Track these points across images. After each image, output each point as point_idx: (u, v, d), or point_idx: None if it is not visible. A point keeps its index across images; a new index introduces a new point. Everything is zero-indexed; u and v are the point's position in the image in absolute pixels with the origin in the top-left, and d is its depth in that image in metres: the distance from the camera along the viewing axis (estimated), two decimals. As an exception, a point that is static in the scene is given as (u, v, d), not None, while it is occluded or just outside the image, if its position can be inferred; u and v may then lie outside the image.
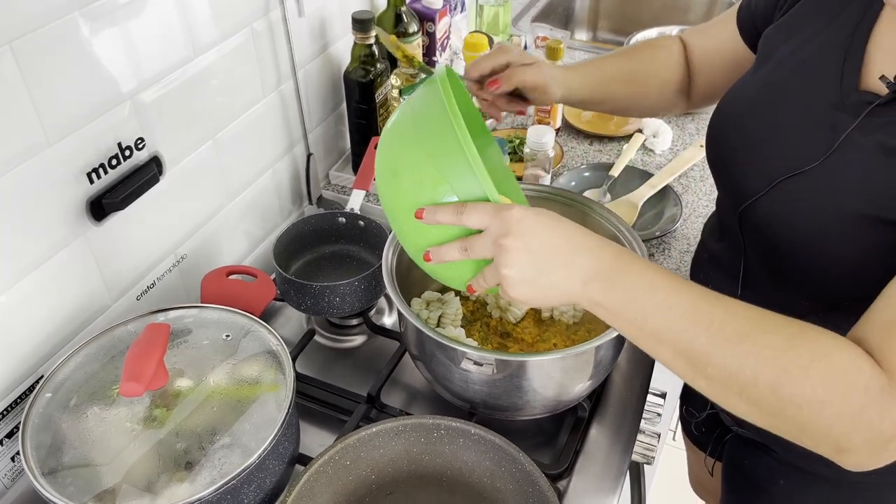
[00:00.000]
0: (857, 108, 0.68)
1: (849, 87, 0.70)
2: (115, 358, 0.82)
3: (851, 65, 0.70)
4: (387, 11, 1.34)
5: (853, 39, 0.71)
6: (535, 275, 0.63)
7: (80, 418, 0.77)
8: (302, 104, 1.19)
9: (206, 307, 0.89)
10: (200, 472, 0.73)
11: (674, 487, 1.60)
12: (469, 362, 0.80)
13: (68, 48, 0.77)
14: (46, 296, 0.84)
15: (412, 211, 0.68)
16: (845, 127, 0.69)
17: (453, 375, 0.85)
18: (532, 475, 0.77)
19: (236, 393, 0.80)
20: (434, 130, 0.67)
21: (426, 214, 0.67)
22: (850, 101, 0.69)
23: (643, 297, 0.62)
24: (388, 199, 0.71)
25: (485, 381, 0.83)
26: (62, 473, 0.72)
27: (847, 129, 0.68)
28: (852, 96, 0.69)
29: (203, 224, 1.06)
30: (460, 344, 0.80)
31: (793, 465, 0.89)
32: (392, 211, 0.72)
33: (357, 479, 0.81)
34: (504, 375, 0.81)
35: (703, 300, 0.61)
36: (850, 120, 0.69)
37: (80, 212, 0.84)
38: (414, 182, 0.68)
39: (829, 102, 0.71)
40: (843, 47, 0.72)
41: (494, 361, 0.80)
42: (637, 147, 1.44)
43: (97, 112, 0.83)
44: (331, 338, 1.08)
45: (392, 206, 0.71)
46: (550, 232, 0.63)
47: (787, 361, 0.57)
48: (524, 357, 0.81)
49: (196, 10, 0.92)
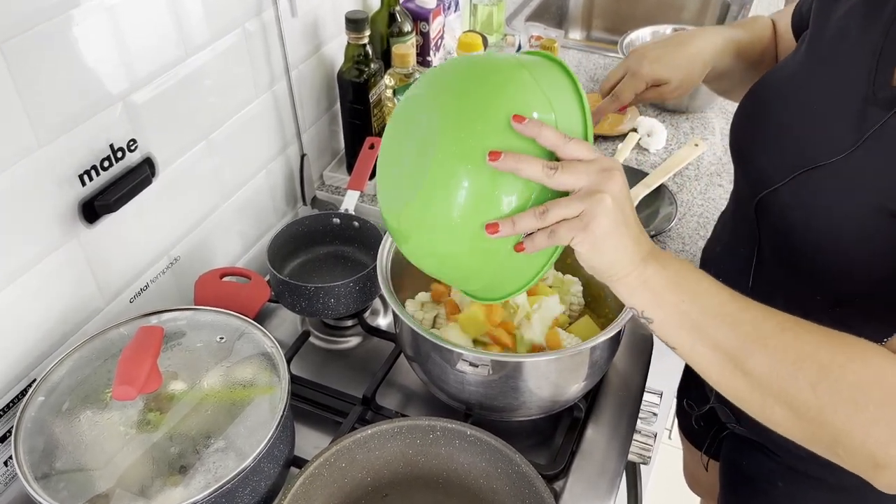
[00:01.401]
0: (889, 103, 0.67)
1: (882, 82, 0.68)
2: (108, 361, 0.82)
3: (886, 60, 0.69)
4: (380, 11, 1.33)
5: (888, 35, 0.70)
6: (615, 232, 0.61)
7: (73, 422, 0.76)
8: (295, 104, 1.19)
9: (200, 309, 0.88)
10: (195, 476, 0.72)
11: (670, 486, 1.60)
12: (465, 363, 0.80)
13: (59, 49, 0.76)
14: (38, 299, 0.83)
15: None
16: (875, 121, 0.67)
17: (449, 377, 0.84)
18: (528, 476, 0.77)
19: (230, 396, 0.79)
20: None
21: (527, 129, 0.60)
22: (882, 96, 0.68)
23: (693, 281, 0.62)
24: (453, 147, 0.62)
25: (480, 382, 0.82)
26: (55, 478, 0.72)
27: (876, 123, 0.67)
28: (885, 91, 0.68)
29: (196, 226, 1.05)
30: (456, 346, 0.80)
31: (792, 467, 0.89)
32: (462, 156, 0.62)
33: (353, 482, 0.81)
34: (500, 376, 0.81)
35: (743, 298, 0.62)
36: (880, 114, 0.67)
37: (72, 214, 0.84)
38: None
39: (861, 95, 0.69)
40: (877, 42, 0.70)
41: (490, 362, 0.79)
42: (632, 146, 1.44)
43: (88, 113, 0.82)
44: (326, 339, 1.08)
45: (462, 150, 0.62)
46: (630, 202, 0.63)
47: (826, 357, 0.57)
48: (520, 358, 0.80)
49: (188, 11, 0.92)
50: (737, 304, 0.61)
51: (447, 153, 0.62)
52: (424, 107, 0.66)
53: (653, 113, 1.57)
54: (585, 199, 0.60)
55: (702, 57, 0.94)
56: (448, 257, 0.67)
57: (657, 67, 0.94)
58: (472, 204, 0.62)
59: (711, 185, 1.37)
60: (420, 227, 0.66)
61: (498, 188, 0.61)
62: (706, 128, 1.54)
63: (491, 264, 0.66)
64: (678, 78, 0.94)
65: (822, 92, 0.74)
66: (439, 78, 0.68)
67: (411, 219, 0.66)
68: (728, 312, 0.61)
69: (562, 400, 0.88)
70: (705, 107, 1.58)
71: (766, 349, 0.59)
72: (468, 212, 0.62)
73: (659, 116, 1.55)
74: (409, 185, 0.65)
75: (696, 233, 1.26)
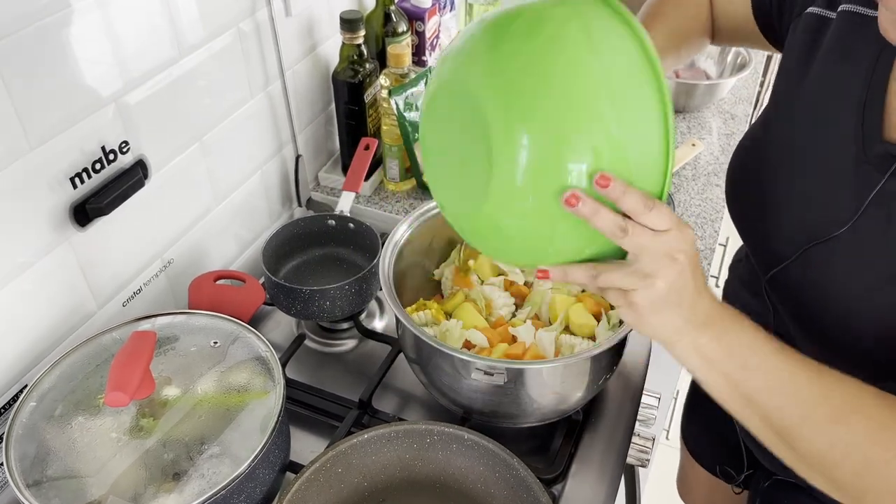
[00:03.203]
0: (883, 161, 0.64)
1: (871, 136, 0.65)
2: (101, 366, 0.81)
3: (872, 115, 0.65)
4: (375, 11, 1.32)
5: (870, 88, 0.66)
6: (662, 312, 0.59)
7: (65, 428, 0.75)
8: (290, 105, 1.18)
9: (194, 313, 0.87)
10: (189, 483, 0.71)
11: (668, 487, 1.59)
12: (479, 373, 0.79)
13: (50, 50, 0.75)
14: (30, 303, 0.82)
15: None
16: (872, 185, 0.64)
17: (453, 381, 0.83)
18: (526, 480, 0.76)
19: (225, 401, 0.78)
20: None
21: (612, 192, 0.56)
22: (875, 154, 0.64)
23: (749, 352, 0.60)
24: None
25: (489, 388, 0.81)
26: (47, 485, 0.71)
27: (873, 187, 0.64)
28: (876, 147, 0.64)
29: (190, 228, 1.04)
30: (468, 354, 0.79)
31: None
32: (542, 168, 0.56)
33: (349, 487, 0.80)
34: (514, 384, 0.80)
35: (804, 372, 0.59)
36: (877, 176, 0.64)
37: (63, 217, 0.83)
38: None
39: (852, 155, 0.66)
40: (859, 97, 0.66)
41: (506, 371, 0.78)
42: (628, 146, 1.43)
43: (80, 115, 0.81)
44: (321, 342, 1.07)
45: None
46: (697, 266, 0.60)
47: (873, 453, 0.56)
48: (536, 365, 0.79)
49: (181, 11, 0.91)
50: (793, 383, 0.59)
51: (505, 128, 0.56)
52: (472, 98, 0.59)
53: (649, 113, 1.56)
54: (638, 279, 0.58)
55: None
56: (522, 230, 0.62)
57: None
58: (540, 171, 0.56)
59: (709, 185, 1.37)
60: (502, 212, 0.61)
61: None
62: (703, 127, 1.53)
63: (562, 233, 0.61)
64: None
65: (812, 156, 0.70)
66: (474, 58, 0.59)
67: (495, 204, 0.60)
68: (782, 391, 0.59)
69: (562, 408, 0.87)
70: (702, 106, 1.57)
71: (812, 437, 0.58)
72: (538, 181, 0.57)
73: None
74: (478, 178, 0.60)
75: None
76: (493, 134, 0.57)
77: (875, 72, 0.66)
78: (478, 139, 0.58)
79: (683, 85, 1.51)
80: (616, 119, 0.55)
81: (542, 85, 0.56)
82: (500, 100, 0.57)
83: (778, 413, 0.59)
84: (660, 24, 0.89)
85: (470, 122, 0.59)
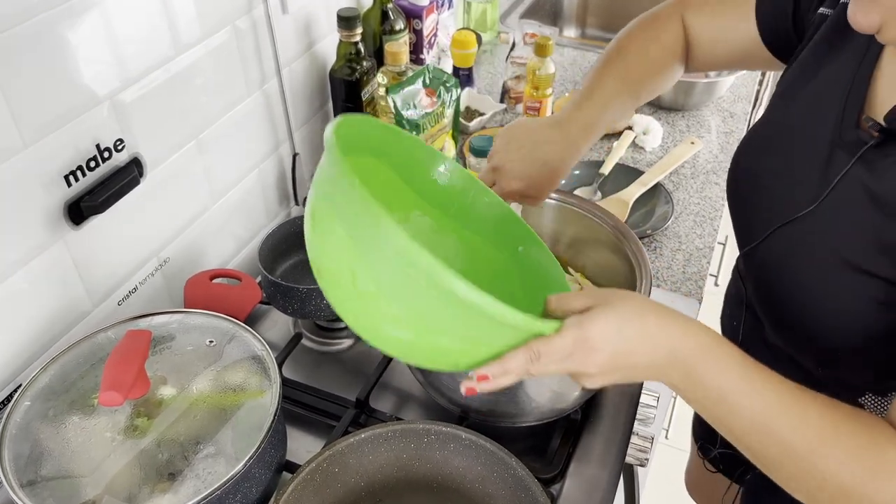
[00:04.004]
0: (854, 147, 0.64)
1: (849, 122, 0.66)
2: (96, 366, 0.80)
3: (854, 100, 0.66)
4: (373, 9, 1.32)
5: (856, 75, 0.67)
6: (619, 363, 0.60)
7: (59, 428, 0.74)
8: (287, 103, 1.17)
9: (190, 312, 0.87)
10: (184, 483, 0.71)
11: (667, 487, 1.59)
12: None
13: (45, 47, 0.75)
14: (24, 302, 0.82)
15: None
16: (839, 169, 0.65)
17: (450, 380, 0.83)
18: (524, 480, 0.75)
19: (220, 400, 0.78)
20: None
21: (493, 371, 0.59)
22: (848, 139, 0.65)
23: (721, 391, 0.59)
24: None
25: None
26: (41, 485, 0.70)
27: (840, 171, 0.65)
28: (850, 133, 0.65)
29: (186, 226, 1.04)
30: None
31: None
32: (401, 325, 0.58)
33: (346, 487, 0.80)
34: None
35: (777, 405, 0.58)
36: (846, 159, 0.65)
37: (57, 215, 0.82)
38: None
39: (828, 138, 0.67)
40: (846, 82, 0.67)
41: None
42: (627, 144, 1.43)
43: (75, 113, 0.80)
44: (318, 341, 1.06)
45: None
46: (628, 340, 0.59)
47: (848, 482, 0.56)
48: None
49: (177, 8, 0.90)
50: (769, 420, 0.58)
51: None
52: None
53: (648, 111, 1.56)
54: (572, 368, 0.60)
55: (561, 171, 0.86)
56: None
57: (513, 181, 0.86)
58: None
59: (708, 183, 1.36)
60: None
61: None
62: (702, 125, 1.53)
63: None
64: (536, 188, 0.87)
65: (794, 137, 0.72)
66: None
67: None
68: (759, 429, 0.58)
69: (560, 407, 0.87)
70: (701, 104, 1.57)
71: (792, 466, 0.58)
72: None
73: (655, 114, 1.54)
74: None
75: (692, 231, 1.25)
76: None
77: (863, 61, 0.67)
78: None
79: (682, 83, 1.50)
80: (432, 337, 0.57)
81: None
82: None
83: (757, 445, 0.59)
84: (615, 70, 0.88)
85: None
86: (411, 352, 0.61)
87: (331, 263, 0.59)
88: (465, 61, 1.52)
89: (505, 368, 0.59)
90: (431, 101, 1.19)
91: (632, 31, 0.91)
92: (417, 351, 0.61)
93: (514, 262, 0.80)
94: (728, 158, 1.42)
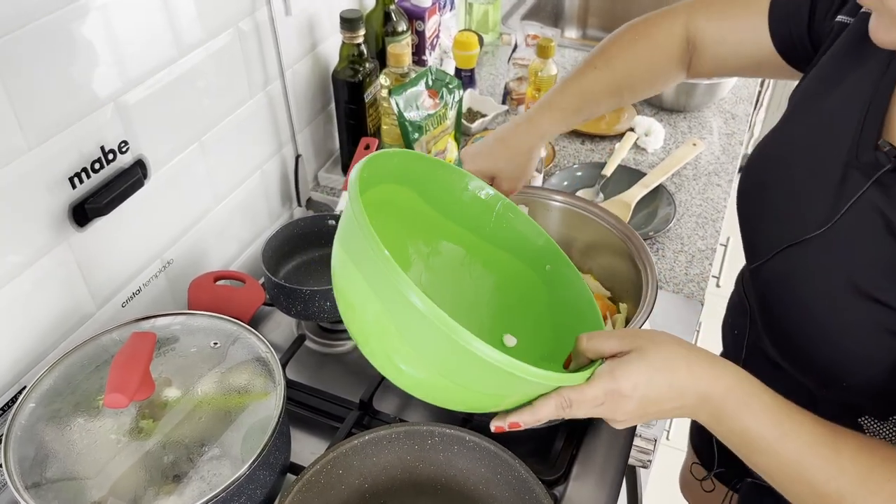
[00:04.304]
0: (871, 168, 0.62)
1: (866, 141, 0.63)
2: (101, 367, 0.80)
3: (872, 120, 0.63)
4: (375, 10, 1.32)
5: (876, 94, 0.64)
6: (649, 410, 0.61)
7: (64, 430, 0.74)
8: (290, 105, 1.17)
9: (194, 314, 0.87)
10: (189, 485, 0.71)
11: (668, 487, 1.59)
12: None
13: (49, 49, 0.75)
14: (29, 304, 0.82)
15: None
16: (855, 190, 0.63)
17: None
18: (528, 482, 0.75)
19: (225, 402, 0.78)
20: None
21: (525, 420, 0.62)
22: (865, 160, 0.63)
23: (751, 436, 0.59)
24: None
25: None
26: (46, 487, 0.70)
27: (855, 193, 0.63)
28: (867, 154, 0.63)
29: (190, 228, 1.04)
30: None
31: None
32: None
33: (350, 489, 0.80)
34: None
35: (809, 452, 0.58)
36: (861, 183, 0.62)
37: (62, 217, 0.82)
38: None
39: (843, 158, 0.64)
40: (865, 99, 0.64)
41: None
42: (629, 146, 1.43)
43: (79, 115, 0.80)
44: (322, 343, 1.06)
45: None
46: (658, 389, 0.60)
47: None
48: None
49: (181, 10, 0.90)
50: (800, 469, 0.58)
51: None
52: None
53: (650, 112, 1.56)
54: (603, 414, 0.62)
55: (523, 150, 0.88)
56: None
57: (481, 162, 0.89)
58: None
59: (710, 184, 1.36)
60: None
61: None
62: (704, 127, 1.53)
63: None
64: (509, 171, 0.89)
65: (812, 156, 0.69)
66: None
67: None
68: (789, 476, 0.59)
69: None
70: (703, 106, 1.57)
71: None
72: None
73: (656, 116, 1.54)
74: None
75: (694, 233, 1.26)
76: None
77: (883, 78, 0.64)
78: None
79: (684, 84, 1.51)
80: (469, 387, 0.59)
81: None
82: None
83: (787, 485, 0.60)
84: (597, 73, 0.89)
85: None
86: (435, 397, 0.63)
87: (355, 301, 0.62)
88: (467, 63, 1.53)
89: (536, 417, 0.61)
90: (434, 102, 1.20)
91: (623, 29, 0.91)
92: (443, 397, 0.63)
93: (541, 280, 0.81)
94: (730, 160, 1.42)
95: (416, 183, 0.76)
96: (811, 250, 0.67)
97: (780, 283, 0.71)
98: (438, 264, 0.82)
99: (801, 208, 0.69)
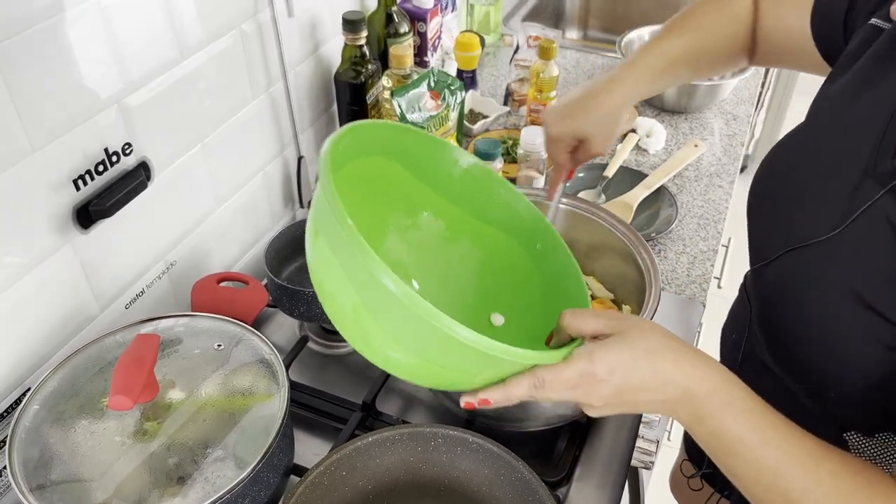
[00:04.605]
0: (886, 178, 0.61)
1: (886, 150, 0.62)
2: (104, 369, 0.80)
3: (894, 129, 0.62)
4: (377, 12, 1.32)
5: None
6: (626, 399, 0.59)
7: (68, 432, 0.75)
8: (292, 106, 1.17)
9: (197, 316, 0.87)
10: (193, 487, 0.71)
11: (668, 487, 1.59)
12: None
13: (52, 52, 0.75)
14: (32, 305, 0.82)
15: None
16: (867, 198, 0.62)
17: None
18: (531, 483, 0.76)
19: (229, 404, 0.78)
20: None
21: (495, 397, 0.60)
22: (882, 170, 0.61)
23: (731, 440, 0.58)
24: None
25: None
26: (50, 489, 0.70)
27: (868, 200, 0.62)
28: (885, 164, 0.61)
29: (192, 230, 1.04)
30: None
31: None
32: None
33: (353, 490, 0.80)
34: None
35: (788, 464, 0.56)
36: (875, 189, 0.61)
37: (66, 219, 0.82)
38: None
39: (860, 169, 0.63)
40: (890, 108, 0.63)
41: None
42: (631, 147, 1.43)
43: (83, 117, 0.81)
44: (324, 344, 1.06)
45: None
46: (638, 376, 0.58)
47: None
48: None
49: (183, 12, 0.91)
50: (779, 478, 0.56)
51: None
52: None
53: (652, 113, 1.56)
54: (577, 397, 0.60)
55: (612, 110, 0.86)
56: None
57: (570, 123, 0.86)
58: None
59: (711, 185, 1.36)
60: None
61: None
62: (705, 128, 1.53)
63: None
64: (599, 132, 0.87)
65: (825, 159, 0.68)
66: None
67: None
68: (766, 484, 0.57)
69: (569, 414, 0.87)
70: (704, 107, 1.57)
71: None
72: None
73: (658, 117, 1.55)
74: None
75: (696, 234, 1.26)
76: None
77: None
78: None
79: (685, 86, 1.51)
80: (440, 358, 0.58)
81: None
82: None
83: (761, 495, 0.58)
84: (679, 38, 0.87)
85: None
86: (411, 375, 0.62)
87: (332, 292, 0.61)
88: (469, 64, 1.53)
89: (508, 395, 0.60)
90: (436, 103, 1.20)
91: (703, 6, 0.89)
92: (419, 375, 0.62)
93: (530, 257, 0.80)
94: (731, 161, 1.42)
95: (403, 156, 0.74)
96: (816, 255, 0.66)
97: (782, 285, 0.71)
98: (422, 239, 0.80)
99: (812, 212, 0.68)
